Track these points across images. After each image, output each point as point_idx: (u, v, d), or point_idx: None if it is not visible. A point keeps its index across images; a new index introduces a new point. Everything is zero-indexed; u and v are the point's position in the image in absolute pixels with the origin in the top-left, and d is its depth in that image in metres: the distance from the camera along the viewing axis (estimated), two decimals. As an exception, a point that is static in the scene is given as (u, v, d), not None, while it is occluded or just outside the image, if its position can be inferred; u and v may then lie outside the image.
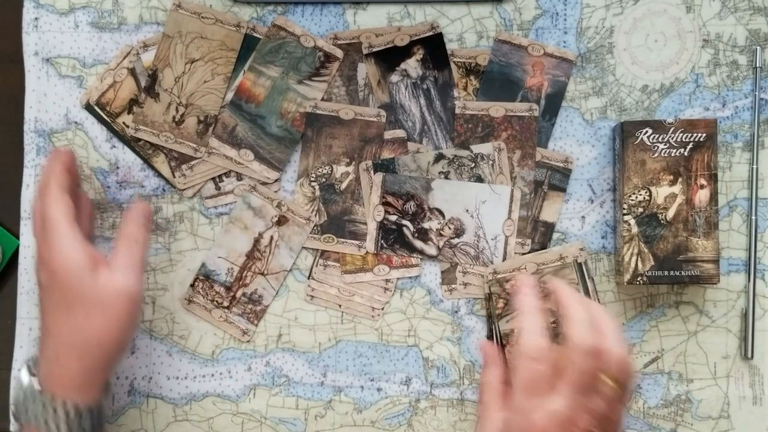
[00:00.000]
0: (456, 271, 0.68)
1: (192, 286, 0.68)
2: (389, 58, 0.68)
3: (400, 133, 0.68)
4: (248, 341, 0.68)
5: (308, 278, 0.68)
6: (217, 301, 0.68)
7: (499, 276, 0.66)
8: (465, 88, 0.68)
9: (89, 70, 0.68)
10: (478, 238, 0.67)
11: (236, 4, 0.68)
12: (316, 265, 0.68)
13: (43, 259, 0.57)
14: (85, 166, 0.69)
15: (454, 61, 0.68)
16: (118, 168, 0.69)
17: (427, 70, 0.68)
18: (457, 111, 0.68)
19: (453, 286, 0.68)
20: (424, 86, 0.68)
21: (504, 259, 0.67)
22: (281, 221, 0.68)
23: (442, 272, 0.68)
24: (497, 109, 0.68)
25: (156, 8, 0.68)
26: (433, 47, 0.68)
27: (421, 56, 0.68)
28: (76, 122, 0.69)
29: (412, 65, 0.68)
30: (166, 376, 0.68)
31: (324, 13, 0.68)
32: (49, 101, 0.68)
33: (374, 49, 0.68)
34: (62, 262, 0.56)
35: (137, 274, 0.58)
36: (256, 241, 0.68)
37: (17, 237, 0.69)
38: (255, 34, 0.68)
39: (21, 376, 0.57)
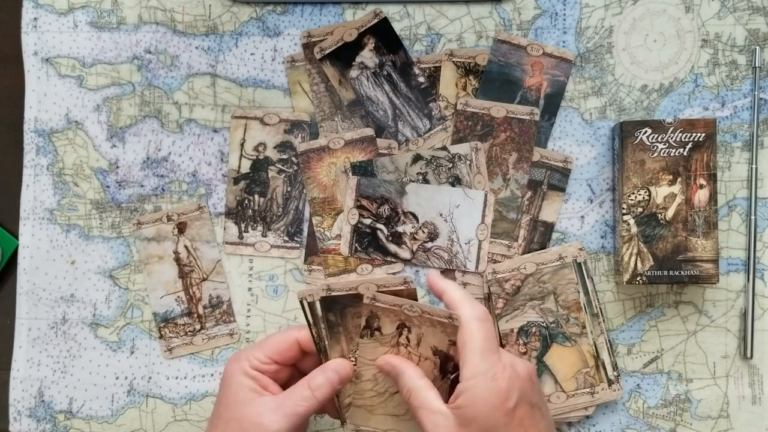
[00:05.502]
0: (455, 271, 0.68)
1: (161, 336, 0.68)
2: (343, 55, 0.68)
3: (368, 131, 0.68)
4: (239, 340, 0.68)
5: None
6: (189, 331, 0.68)
7: (498, 276, 0.66)
8: (464, 88, 0.68)
9: (89, 69, 0.69)
10: (452, 242, 0.67)
11: (235, 4, 0.68)
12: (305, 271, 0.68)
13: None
14: (85, 165, 0.69)
15: (453, 61, 0.68)
16: (118, 168, 0.69)
17: (382, 56, 0.68)
18: (459, 107, 0.68)
19: (452, 286, 0.68)
20: (385, 73, 0.68)
21: (477, 263, 0.67)
22: (182, 228, 0.68)
23: (441, 272, 0.68)
24: (498, 109, 0.68)
25: (155, 8, 0.68)
26: (383, 33, 0.68)
27: (373, 45, 0.68)
28: (76, 122, 0.69)
29: (368, 56, 0.68)
30: (165, 376, 0.68)
31: (323, 13, 0.69)
32: (49, 101, 0.69)
33: (326, 52, 0.68)
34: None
35: (287, 420, 0.56)
36: (177, 259, 0.68)
37: (16, 237, 0.69)
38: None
39: None
